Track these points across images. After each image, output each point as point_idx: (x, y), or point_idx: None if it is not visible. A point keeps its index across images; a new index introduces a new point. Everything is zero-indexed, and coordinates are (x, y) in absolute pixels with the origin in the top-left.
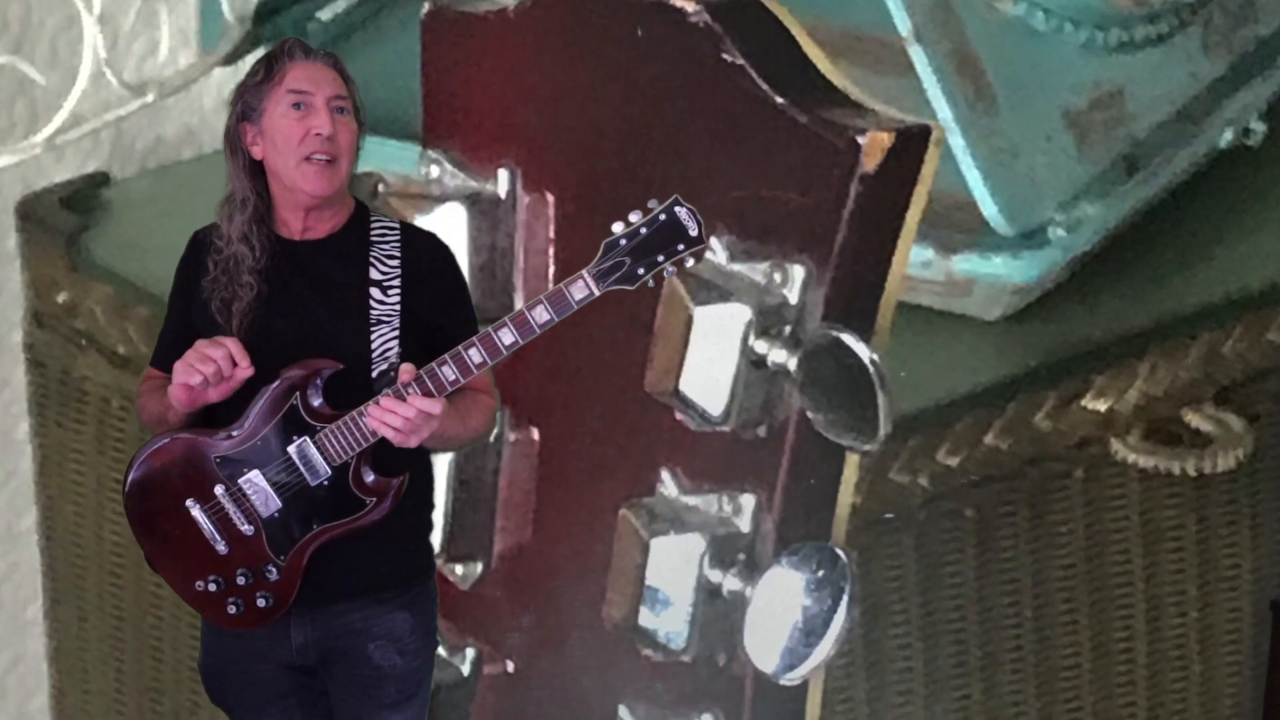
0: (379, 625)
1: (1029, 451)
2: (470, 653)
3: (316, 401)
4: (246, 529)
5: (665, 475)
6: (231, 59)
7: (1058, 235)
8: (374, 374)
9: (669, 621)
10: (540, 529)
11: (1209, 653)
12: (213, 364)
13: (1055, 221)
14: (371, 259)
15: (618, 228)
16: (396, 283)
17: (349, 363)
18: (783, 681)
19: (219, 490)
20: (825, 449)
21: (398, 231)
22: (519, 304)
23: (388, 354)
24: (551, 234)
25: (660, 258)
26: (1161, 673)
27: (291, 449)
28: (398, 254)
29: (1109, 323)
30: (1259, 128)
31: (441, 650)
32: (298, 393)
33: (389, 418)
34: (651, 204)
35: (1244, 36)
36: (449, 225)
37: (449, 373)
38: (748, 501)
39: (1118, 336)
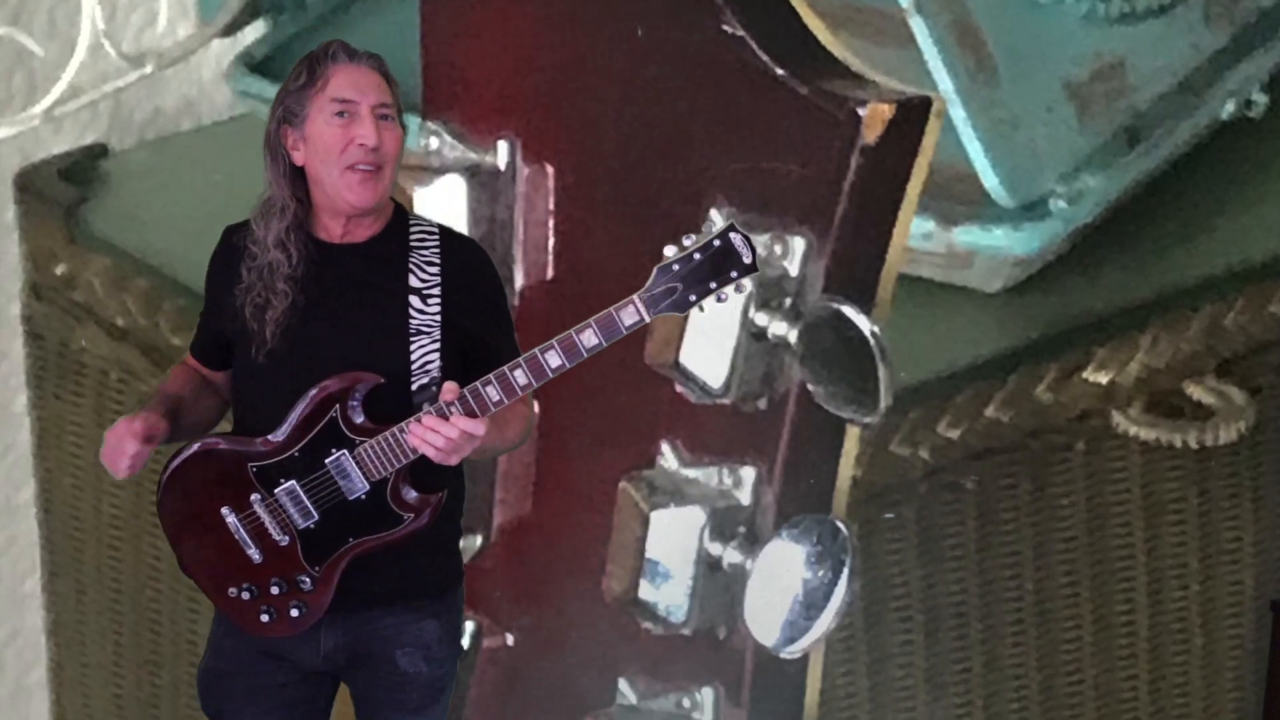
0: (409, 633)
1: (1030, 424)
2: (470, 625)
3: (358, 417)
4: (281, 539)
5: (665, 448)
6: (230, 30)
7: (1059, 207)
8: (414, 387)
9: (669, 594)
10: (540, 502)
11: (1211, 625)
12: (125, 458)
13: (1056, 193)
14: (411, 265)
15: (670, 251)
16: (436, 291)
17: (388, 374)
18: (783, 654)
19: (255, 499)
20: (826, 421)
21: (437, 236)
22: (519, 277)
23: (428, 367)
24: (551, 205)
25: (713, 284)
26: (1163, 645)
27: (329, 462)
28: (437, 260)
29: (1110, 295)
30: (1260, 99)
31: None
32: (337, 405)
33: (431, 437)
34: (706, 227)
35: (1245, 8)
36: (448, 197)
37: (493, 393)
38: (748, 474)
39: (1119, 309)
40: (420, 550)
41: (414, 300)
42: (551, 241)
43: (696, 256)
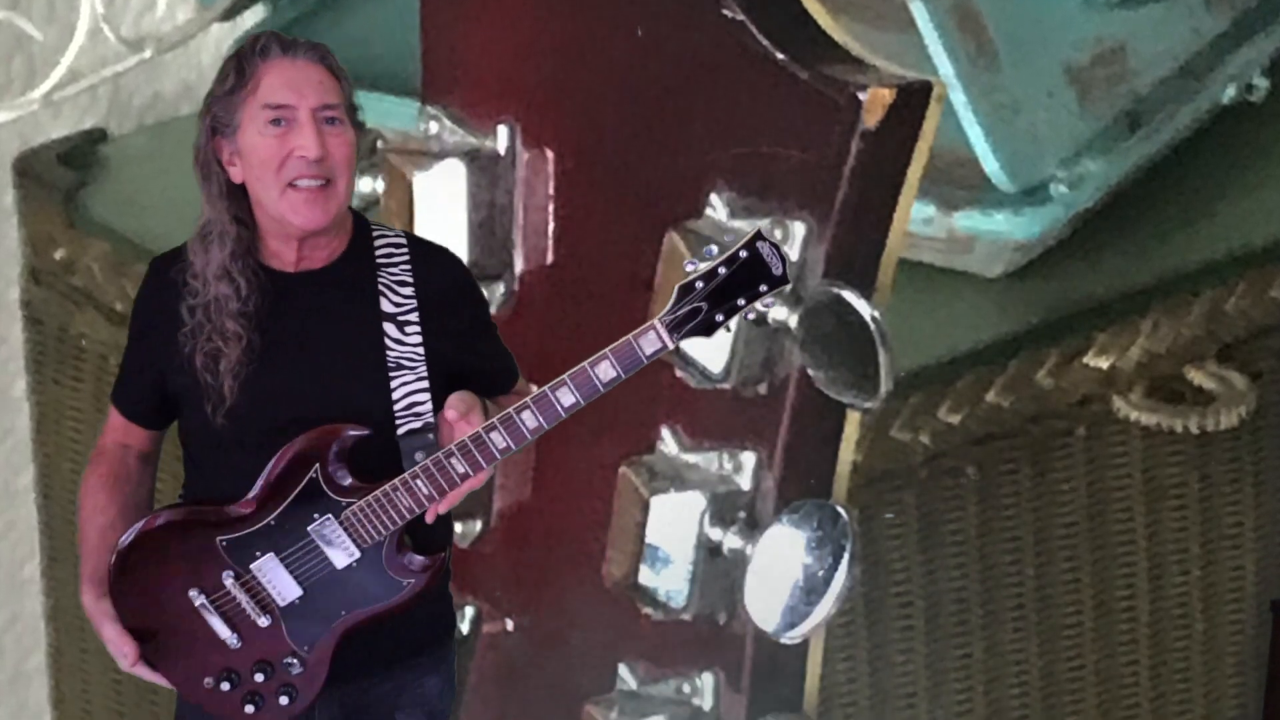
0: (409, 694)
1: (1031, 409)
2: (469, 611)
3: (342, 477)
4: (262, 620)
5: (665, 433)
6: (230, 14)
7: (1059, 192)
8: (401, 431)
9: (669, 580)
10: (540, 487)
11: (1212, 611)
12: (127, 650)
13: (1057, 178)
14: (381, 287)
15: (691, 267)
16: (414, 316)
17: (369, 419)
18: (783, 640)
19: (227, 578)
20: (826, 406)
21: (405, 248)
22: (519, 262)
23: (417, 409)
24: (551, 190)
25: (740, 301)
26: (1164, 631)
27: (312, 529)
28: (409, 278)
29: (1111, 280)
30: (1262, 84)
31: None
32: (317, 465)
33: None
34: (728, 238)
35: None
36: (448, 181)
37: (499, 440)
38: (748, 459)
39: (1120, 293)
40: (415, 608)
41: (389, 329)
42: (551, 226)
43: (721, 271)
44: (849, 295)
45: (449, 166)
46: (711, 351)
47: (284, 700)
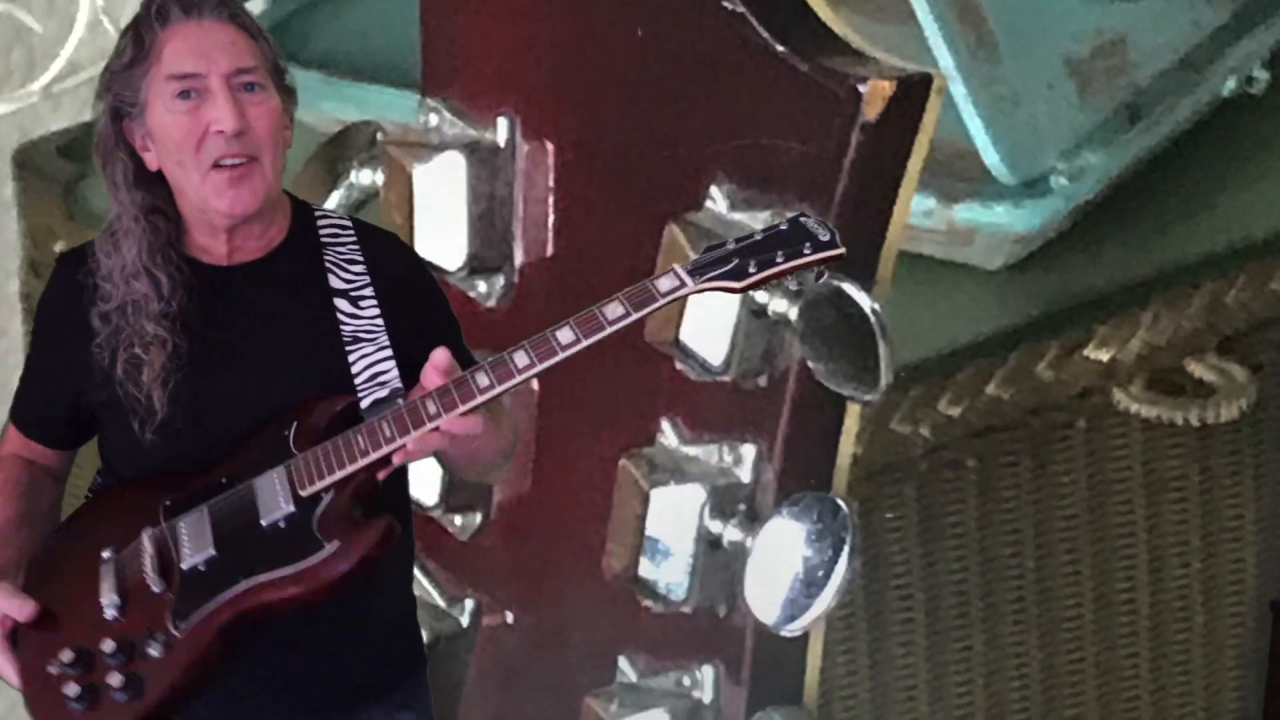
0: None
1: (1031, 401)
2: (469, 604)
3: (314, 440)
4: (156, 587)
5: (665, 425)
6: None
7: (1060, 184)
8: (366, 403)
9: (669, 572)
10: (540, 479)
11: (1212, 603)
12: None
13: (1057, 170)
14: (329, 265)
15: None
16: (368, 292)
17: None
18: (783, 633)
19: (145, 533)
20: (826, 399)
21: (352, 230)
22: (519, 254)
23: (380, 378)
24: (551, 183)
25: (780, 257)
26: (1164, 624)
27: (258, 479)
28: (359, 257)
29: (1111, 272)
30: (1262, 76)
31: (440, 601)
32: (295, 424)
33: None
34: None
35: None
36: (448, 174)
37: (483, 379)
38: (748, 451)
39: (1120, 286)
40: (380, 637)
41: (341, 304)
42: (551, 218)
43: (758, 236)
44: (849, 287)
45: (449, 159)
46: (712, 344)
47: (120, 697)
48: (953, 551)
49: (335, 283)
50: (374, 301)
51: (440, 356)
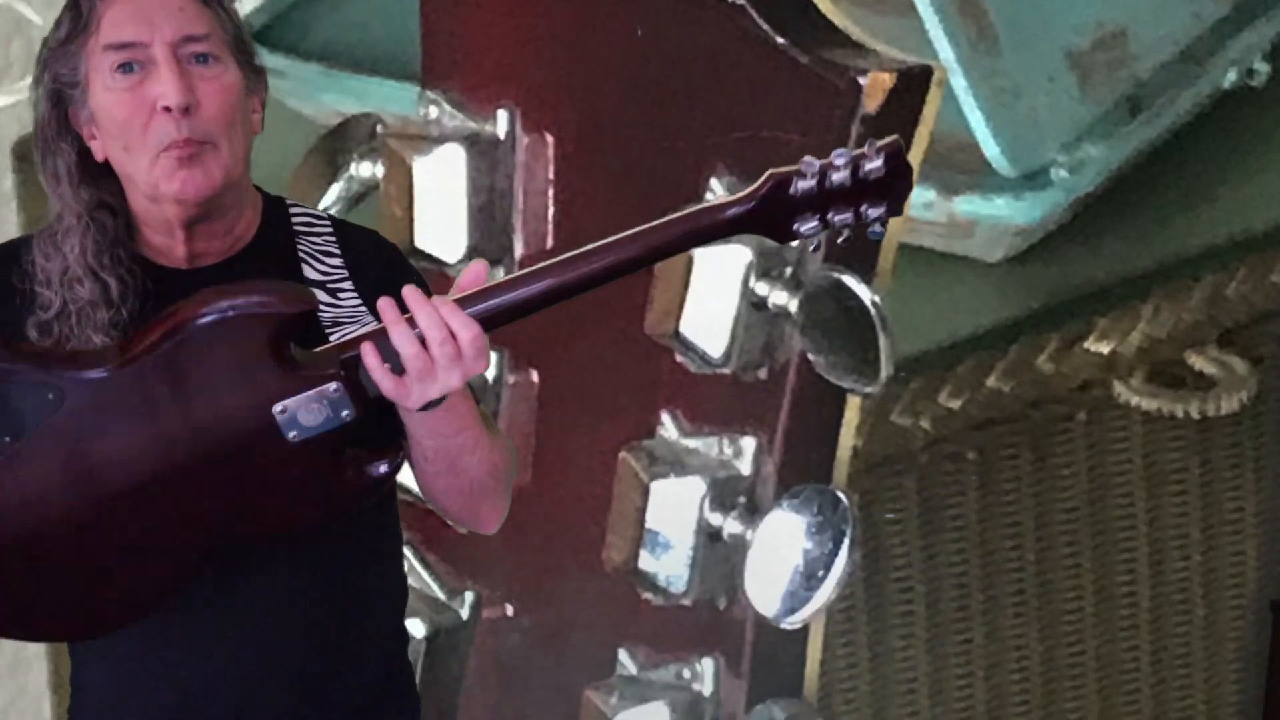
0: None
1: (1031, 394)
2: (469, 596)
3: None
4: None
5: (665, 418)
6: None
7: (1060, 176)
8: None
9: (669, 565)
10: (540, 472)
11: (1213, 596)
12: None
13: (1058, 163)
14: (302, 255)
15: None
16: (346, 285)
17: None
18: (784, 625)
19: None
20: (826, 391)
21: (328, 223)
22: (519, 246)
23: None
24: (551, 175)
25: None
26: (1165, 616)
27: None
28: (335, 250)
29: (1112, 264)
30: (1263, 68)
31: (440, 594)
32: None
33: (398, 337)
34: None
35: None
36: (447, 166)
37: (503, 293)
38: (748, 444)
39: (1120, 278)
40: (367, 678)
41: (319, 295)
42: (551, 211)
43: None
44: (849, 280)
45: (449, 151)
46: (712, 336)
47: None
48: (953, 544)
49: (310, 274)
50: (354, 294)
51: (470, 275)
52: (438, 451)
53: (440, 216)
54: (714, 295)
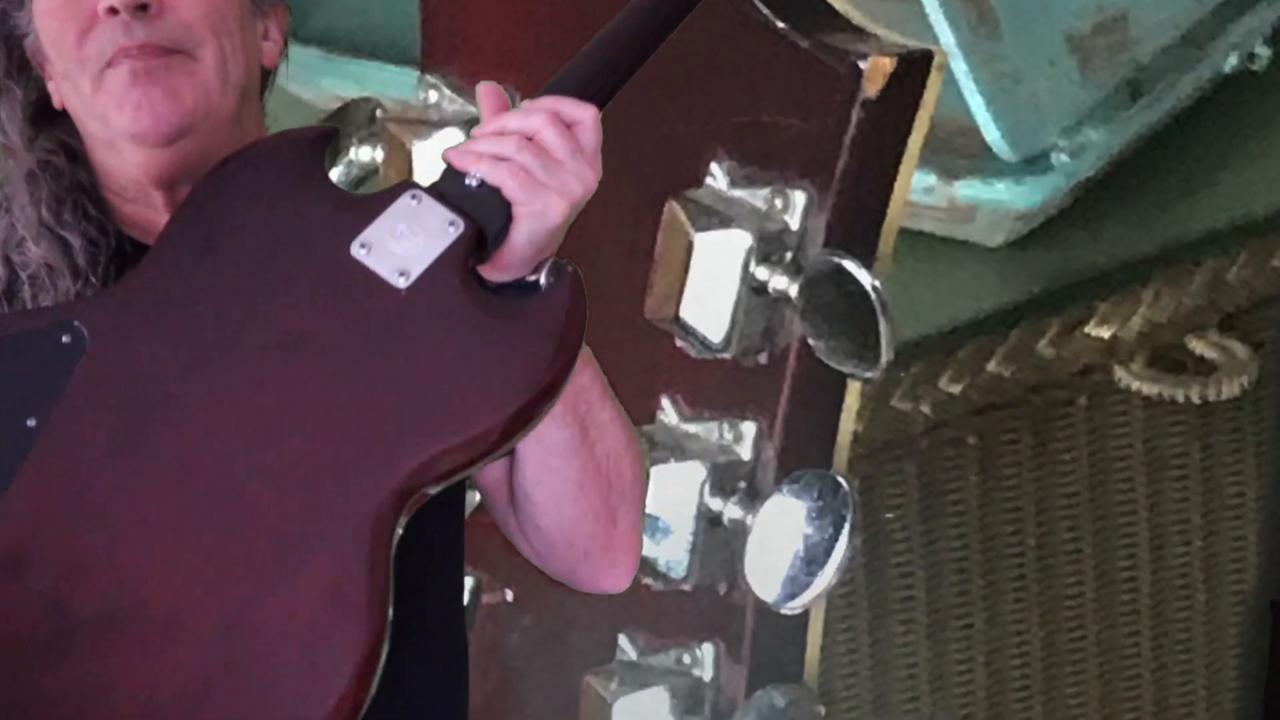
0: None
1: (1032, 379)
2: (469, 581)
3: None
4: None
5: (665, 402)
6: None
7: (1061, 161)
8: None
9: (669, 550)
10: None
11: (1213, 581)
12: None
13: (1058, 147)
14: None
15: None
16: None
17: None
18: (784, 610)
19: None
20: (827, 376)
21: None
22: None
23: None
24: None
25: None
26: (1166, 601)
27: None
28: None
29: (1112, 249)
30: (1264, 52)
31: None
32: None
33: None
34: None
35: None
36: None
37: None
38: (749, 429)
39: (1121, 263)
40: None
41: None
42: None
43: None
44: (850, 264)
45: (448, 135)
46: (712, 321)
47: None
48: (953, 529)
49: None
50: None
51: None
52: (566, 432)
53: None
54: (714, 280)
